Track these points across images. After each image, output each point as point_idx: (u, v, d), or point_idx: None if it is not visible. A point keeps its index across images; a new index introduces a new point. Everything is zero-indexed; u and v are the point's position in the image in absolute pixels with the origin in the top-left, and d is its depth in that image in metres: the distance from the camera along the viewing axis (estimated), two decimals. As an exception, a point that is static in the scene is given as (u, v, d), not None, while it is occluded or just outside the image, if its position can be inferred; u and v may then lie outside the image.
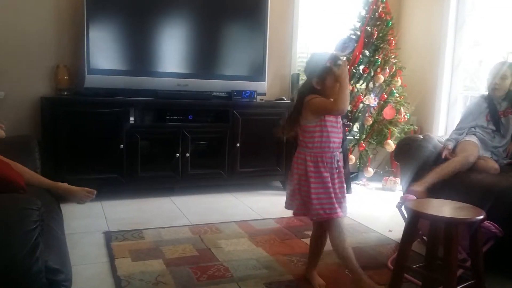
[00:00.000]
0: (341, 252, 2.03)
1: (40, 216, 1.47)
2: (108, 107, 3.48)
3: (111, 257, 2.42)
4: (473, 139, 2.81)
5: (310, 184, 1.98)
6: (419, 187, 2.56)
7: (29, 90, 3.59)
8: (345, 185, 2.10)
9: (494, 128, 2.87)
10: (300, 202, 2.05)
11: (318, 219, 2.05)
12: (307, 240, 2.70)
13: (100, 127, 3.45)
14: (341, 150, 2.11)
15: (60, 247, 1.77)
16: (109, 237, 2.71)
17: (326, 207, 1.99)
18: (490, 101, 2.94)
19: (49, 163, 3.02)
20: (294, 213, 2.12)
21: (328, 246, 2.66)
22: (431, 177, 2.60)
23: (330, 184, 2.00)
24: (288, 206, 2.12)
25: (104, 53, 3.53)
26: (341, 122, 2.10)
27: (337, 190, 2.03)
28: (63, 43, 3.69)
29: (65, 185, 2.33)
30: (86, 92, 3.50)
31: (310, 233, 2.86)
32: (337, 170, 2.04)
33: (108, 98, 3.52)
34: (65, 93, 3.58)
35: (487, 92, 3.01)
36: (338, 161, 2.05)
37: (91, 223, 2.94)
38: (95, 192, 2.38)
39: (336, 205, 2.01)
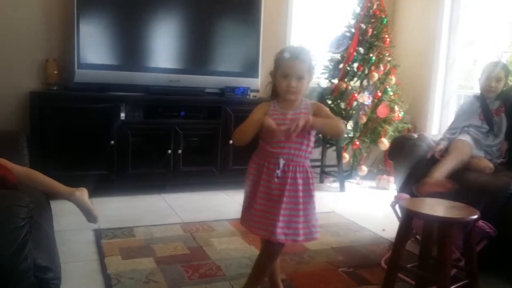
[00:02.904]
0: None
1: (28, 213, 1.44)
2: (99, 103, 3.43)
3: (101, 255, 2.38)
4: (467, 138, 2.80)
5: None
6: (438, 177, 2.48)
7: (18, 85, 3.52)
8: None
9: (487, 127, 2.87)
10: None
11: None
12: (300, 239, 2.69)
13: (90, 122, 3.40)
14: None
15: (49, 245, 1.74)
16: (99, 234, 2.67)
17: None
18: (483, 100, 2.94)
19: (37, 159, 2.97)
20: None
21: (315, 245, 2.65)
22: (447, 166, 2.55)
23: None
24: None
25: (94, 47, 3.48)
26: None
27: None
28: (53, 37, 3.62)
29: (80, 195, 2.15)
30: (76, 87, 3.44)
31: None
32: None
33: (99, 93, 3.47)
34: (55, 88, 3.53)
35: (480, 92, 3.00)
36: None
37: (81, 220, 2.83)
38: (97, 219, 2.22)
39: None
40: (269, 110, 1.80)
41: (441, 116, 4.41)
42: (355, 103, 4.21)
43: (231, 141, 3.82)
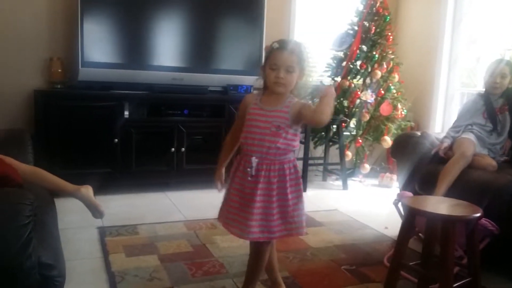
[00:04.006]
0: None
1: (33, 211, 1.45)
2: (102, 101, 3.44)
3: (105, 253, 2.39)
4: (470, 136, 2.80)
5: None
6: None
7: (22, 83, 3.54)
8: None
9: (491, 125, 2.86)
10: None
11: None
12: (304, 237, 2.70)
13: (94, 121, 3.41)
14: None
15: (54, 242, 1.74)
16: (103, 232, 2.69)
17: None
18: (487, 98, 2.93)
19: (42, 157, 2.98)
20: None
21: (318, 243, 2.66)
22: (443, 188, 2.53)
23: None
24: None
25: (98, 45, 3.49)
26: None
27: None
28: (57, 35, 3.64)
29: (85, 192, 2.17)
30: (80, 85, 3.46)
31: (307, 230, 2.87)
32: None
33: (103, 91, 3.48)
34: (59, 86, 3.54)
35: (484, 90, 3.00)
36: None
37: (85, 218, 2.87)
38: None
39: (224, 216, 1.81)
40: (252, 103, 1.77)
41: (444, 114, 4.40)
42: (358, 101, 4.21)
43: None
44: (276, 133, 1.71)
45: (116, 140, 3.46)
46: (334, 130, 4.28)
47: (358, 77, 4.27)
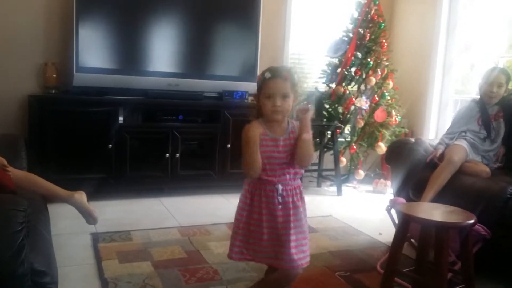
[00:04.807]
0: None
1: (26, 217, 1.44)
2: (97, 106, 3.43)
3: (98, 259, 2.38)
4: (462, 143, 2.81)
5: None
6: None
7: (17, 88, 3.53)
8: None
9: (485, 132, 2.88)
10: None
11: None
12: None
13: (88, 126, 3.40)
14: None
15: (46, 249, 1.73)
16: (96, 238, 2.67)
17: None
18: (482, 105, 2.95)
19: (36, 163, 2.97)
20: None
21: (312, 249, 2.65)
22: (430, 194, 2.57)
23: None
24: None
25: (93, 51, 3.48)
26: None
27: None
28: (52, 41, 3.63)
29: (79, 197, 2.22)
30: (75, 90, 3.45)
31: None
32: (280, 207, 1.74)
33: (97, 97, 3.48)
34: (53, 92, 3.53)
35: (479, 97, 3.02)
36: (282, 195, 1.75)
37: (78, 224, 2.86)
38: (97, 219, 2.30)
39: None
40: (261, 134, 1.75)
41: (438, 121, 4.43)
42: (352, 107, 4.22)
43: (229, 145, 3.83)
44: (291, 162, 1.76)
45: (111, 145, 3.45)
46: (329, 136, 4.29)
47: (353, 83, 4.29)
